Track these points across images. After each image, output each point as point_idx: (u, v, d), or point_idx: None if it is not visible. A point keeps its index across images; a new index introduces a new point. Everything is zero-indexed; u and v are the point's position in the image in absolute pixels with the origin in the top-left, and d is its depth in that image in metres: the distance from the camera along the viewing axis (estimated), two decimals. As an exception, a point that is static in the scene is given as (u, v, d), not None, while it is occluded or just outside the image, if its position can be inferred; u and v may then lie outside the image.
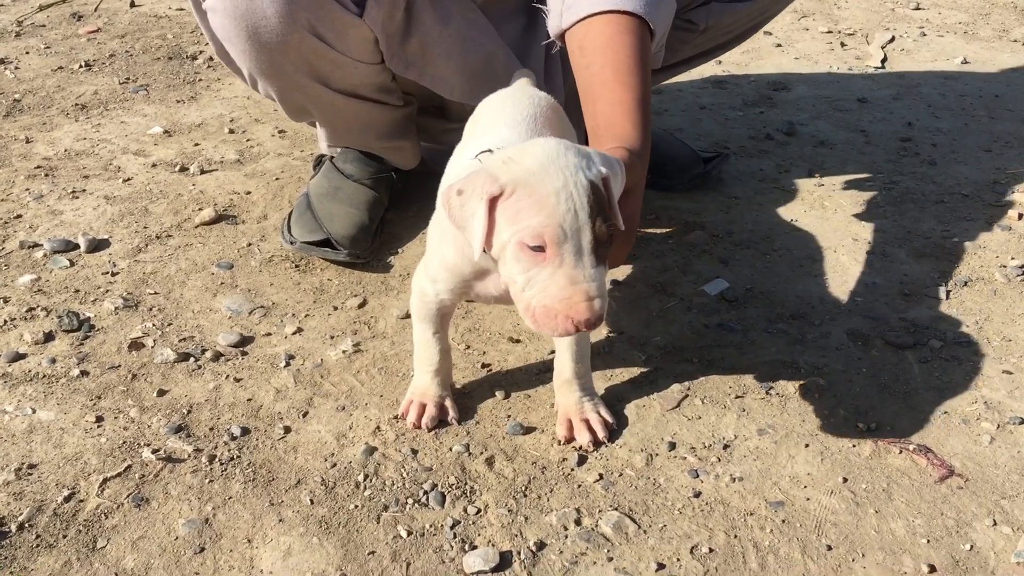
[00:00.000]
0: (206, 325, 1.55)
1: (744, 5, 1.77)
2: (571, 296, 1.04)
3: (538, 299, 1.06)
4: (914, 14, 3.21)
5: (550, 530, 1.18)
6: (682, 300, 1.64)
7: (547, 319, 1.06)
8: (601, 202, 1.07)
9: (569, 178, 1.05)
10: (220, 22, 1.51)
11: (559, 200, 1.04)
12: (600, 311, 1.05)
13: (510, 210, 1.06)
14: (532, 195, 1.05)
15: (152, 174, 2.01)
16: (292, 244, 1.71)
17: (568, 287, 1.04)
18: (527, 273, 1.06)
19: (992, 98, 2.52)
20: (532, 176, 1.05)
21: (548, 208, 1.04)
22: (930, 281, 1.70)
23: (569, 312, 1.04)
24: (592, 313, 1.04)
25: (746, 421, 1.37)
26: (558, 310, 1.05)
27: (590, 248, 1.05)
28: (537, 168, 1.06)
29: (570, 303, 1.04)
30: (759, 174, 2.09)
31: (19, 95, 2.38)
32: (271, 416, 1.36)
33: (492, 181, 1.06)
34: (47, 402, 1.37)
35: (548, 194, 1.04)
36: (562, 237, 1.04)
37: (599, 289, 1.05)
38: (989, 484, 1.27)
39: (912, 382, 1.45)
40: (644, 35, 1.38)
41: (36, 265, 1.68)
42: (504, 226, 1.07)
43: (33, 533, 1.16)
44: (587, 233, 1.05)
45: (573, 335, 1.10)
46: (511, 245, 1.06)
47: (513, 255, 1.07)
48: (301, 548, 1.15)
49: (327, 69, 1.59)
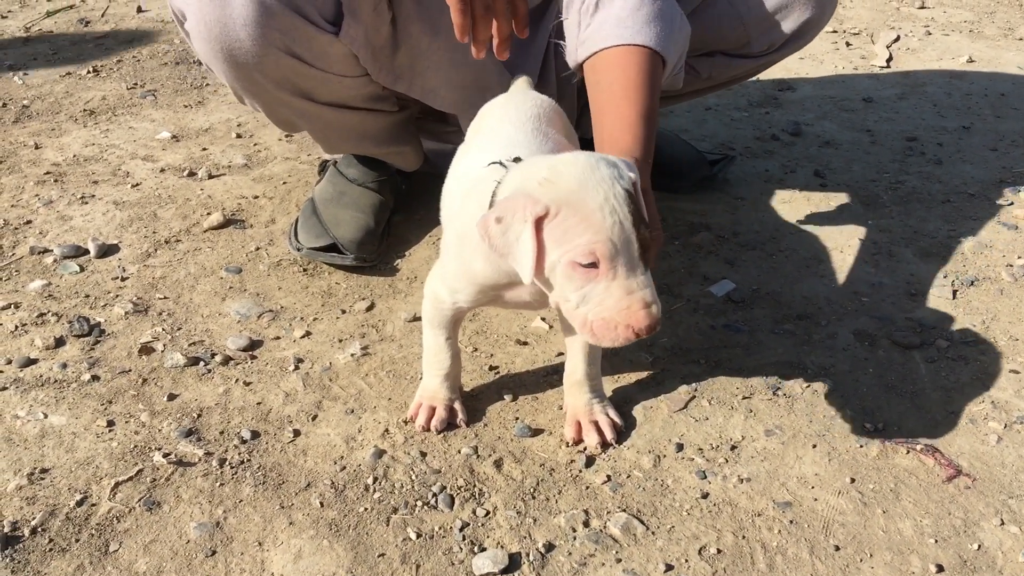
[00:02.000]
0: (215, 329, 1.56)
1: (749, 61, 1.79)
2: (629, 306, 1.05)
3: (595, 313, 1.07)
4: (919, 13, 3.21)
5: (559, 532, 1.19)
6: (689, 301, 1.64)
7: (606, 331, 1.07)
8: (639, 208, 1.08)
9: (609, 191, 1.05)
10: (198, 46, 1.52)
11: (604, 215, 1.04)
12: (658, 316, 1.07)
13: (557, 231, 1.06)
14: (577, 213, 1.05)
15: (160, 179, 2.02)
16: (299, 250, 1.72)
17: (625, 298, 1.05)
18: (581, 290, 1.07)
19: (998, 97, 2.52)
20: (573, 194, 1.05)
21: (596, 225, 1.04)
22: (936, 281, 1.70)
23: (629, 322, 1.06)
24: (652, 319, 1.06)
25: (753, 422, 1.37)
26: (618, 321, 1.06)
27: (639, 256, 1.06)
28: (577, 185, 1.05)
29: (629, 313, 1.05)
30: (765, 175, 2.09)
31: (28, 101, 2.40)
32: (281, 419, 1.37)
33: (535, 203, 1.05)
34: (59, 407, 1.38)
35: (593, 210, 1.04)
36: (614, 252, 1.04)
37: (653, 295, 1.07)
38: (996, 484, 1.27)
39: (919, 382, 1.46)
40: (656, 62, 1.40)
41: (46, 271, 1.70)
42: (552, 247, 1.06)
43: (46, 537, 1.17)
44: (634, 242, 1.06)
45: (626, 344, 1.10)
46: (561, 265, 1.06)
47: (565, 275, 1.07)
48: (311, 551, 1.16)
49: (309, 85, 1.59)
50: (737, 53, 1.77)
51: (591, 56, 1.42)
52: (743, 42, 1.73)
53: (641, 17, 1.40)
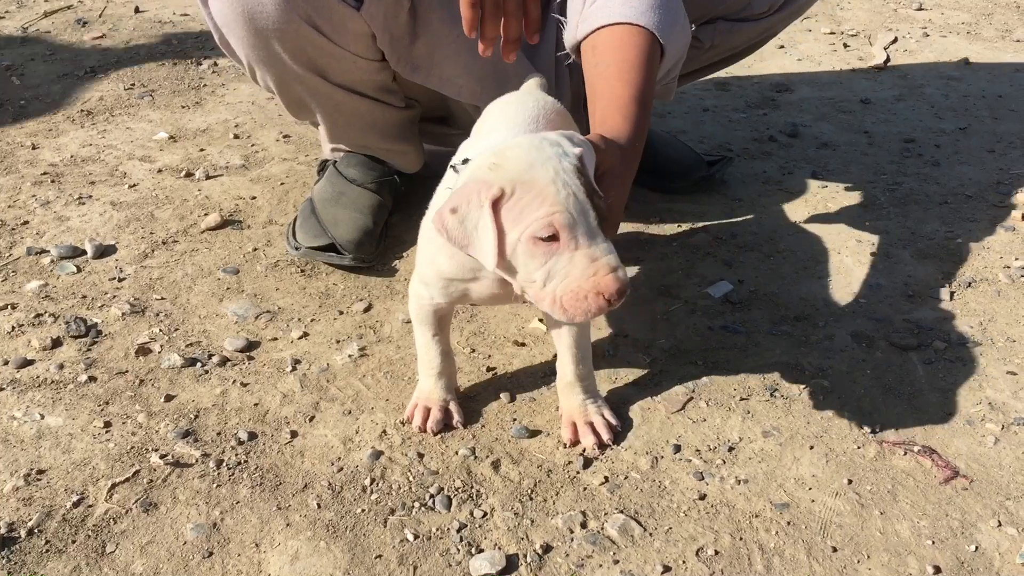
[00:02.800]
0: (212, 330, 1.55)
1: (750, 25, 1.78)
2: (596, 272, 1.05)
3: (563, 286, 1.06)
4: (917, 15, 3.21)
5: (556, 533, 1.19)
6: (686, 303, 1.64)
7: (576, 302, 1.06)
8: (589, 181, 1.08)
9: (557, 166, 1.06)
10: (219, 7, 1.52)
11: (558, 187, 1.05)
12: (626, 280, 1.06)
13: (513, 211, 1.06)
14: (531, 190, 1.05)
15: (158, 180, 2.02)
16: (297, 250, 1.72)
17: (590, 265, 1.05)
18: (545, 266, 1.06)
19: (995, 98, 2.52)
20: (524, 173, 1.06)
21: (551, 197, 1.05)
22: (934, 282, 1.71)
23: (598, 288, 1.05)
24: (620, 283, 1.05)
25: (751, 423, 1.37)
26: (586, 289, 1.05)
27: (597, 225, 1.06)
28: (526, 165, 1.06)
29: (596, 279, 1.05)
30: (762, 176, 2.09)
31: (25, 101, 2.39)
32: (278, 420, 1.37)
33: (488, 186, 1.06)
34: (55, 408, 1.38)
35: (545, 184, 1.05)
36: (571, 221, 1.05)
37: (618, 261, 1.06)
38: (994, 485, 1.27)
39: (916, 383, 1.46)
40: (654, 46, 1.39)
41: (43, 271, 1.69)
42: (510, 228, 1.07)
43: (43, 538, 1.17)
44: (590, 211, 1.06)
45: (598, 314, 1.09)
46: (522, 243, 1.06)
47: (527, 252, 1.07)
48: (308, 552, 1.16)
49: (324, 61, 1.60)
50: (738, 17, 1.76)
51: (591, 33, 1.41)
52: (743, 3, 1.73)
53: (647, 1, 1.40)
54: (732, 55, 1.88)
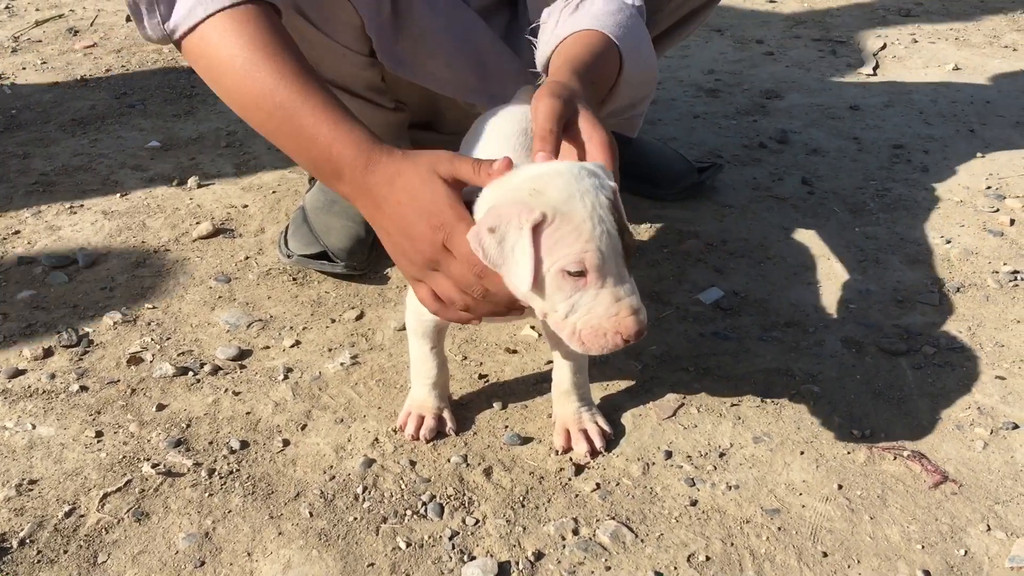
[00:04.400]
0: (204, 339, 1.55)
1: None
2: (618, 313, 1.07)
3: (584, 321, 1.08)
4: (905, 21, 3.23)
5: (548, 540, 1.19)
6: (677, 309, 1.65)
7: (595, 339, 1.08)
8: (621, 215, 1.09)
9: (595, 200, 1.06)
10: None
11: (594, 224, 1.05)
12: (645, 322, 1.09)
13: (550, 240, 1.06)
14: (569, 222, 1.06)
15: (149, 188, 2.02)
16: (289, 257, 1.72)
17: (613, 305, 1.07)
18: (570, 300, 1.08)
19: (983, 104, 2.53)
20: (564, 203, 1.06)
21: (586, 234, 1.05)
22: (923, 288, 1.72)
23: (618, 328, 1.07)
24: (640, 325, 1.08)
25: (742, 429, 1.38)
26: (606, 328, 1.08)
27: (624, 263, 1.08)
28: (567, 195, 1.06)
29: (618, 320, 1.07)
30: (752, 182, 2.10)
31: (16, 111, 2.39)
32: (270, 429, 1.37)
33: (530, 210, 1.05)
34: (47, 418, 1.38)
35: (584, 219, 1.05)
36: (601, 260, 1.06)
37: (639, 302, 1.09)
38: (983, 489, 1.28)
39: (906, 388, 1.46)
40: (610, 48, 1.38)
41: (35, 281, 1.69)
42: (544, 256, 1.07)
43: (34, 549, 1.17)
44: (620, 251, 1.07)
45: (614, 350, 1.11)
46: (551, 274, 1.07)
47: (554, 283, 1.07)
48: (301, 561, 1.16)
49: (314, 54, 1.54)
50: None
51: (559, 44, 1.40)
52: None
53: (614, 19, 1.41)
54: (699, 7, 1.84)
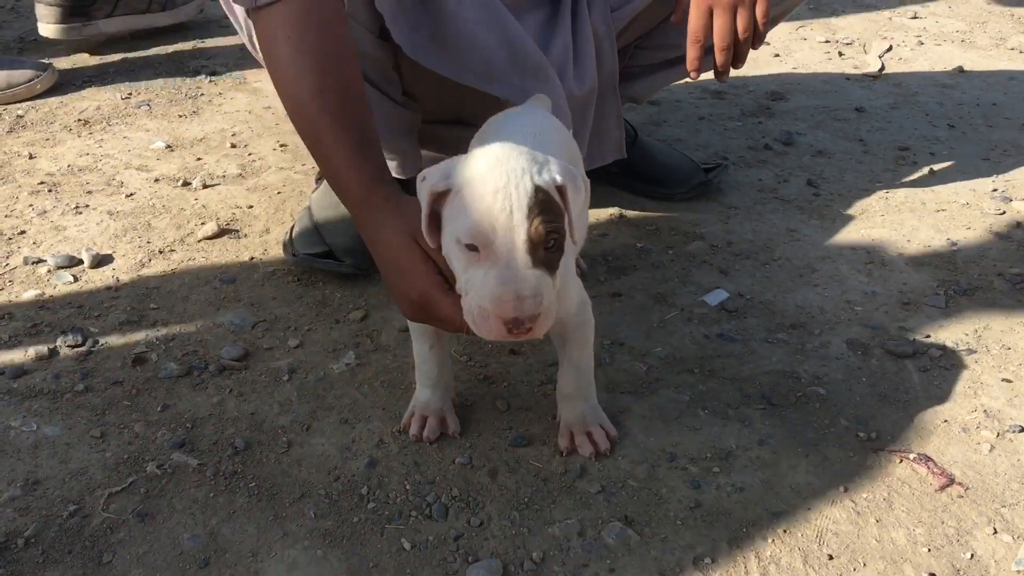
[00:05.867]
0: (209, 339, 1.56)
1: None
2: (500, 295, 1.02)
3: (475, 300, 1.05)
4: (911, 23, 3.22)
5: (553, 541, 1.19)
6: (682, 311, 1.65)
7: (483, 321, 1.05)
8: (547, 206, 1.06)
9: (512, 179, 1.05)
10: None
11: (496, 199, 1.04)
12: (530, 311, 1.02)
13: (453, 209, 1.07)
14: (472, 194, 1.05)
15: (155, 189, 2.02)
16: (295, 256, 1.72)
17: (498, 287, 1.02)
18: (466, 274, 1.06)
19: (990, 106, 2.53)
20: (477, 176, 1.06)
21: (484, 207, 1.04)
22: (929, 290, 1.71)
23: (498, 312, 1.02)
24: (519, 312, 1.01)
25: (747, 431, 1.38)
26: (489, 311, 1.03)
27: (524, 248, 1.04)
28: (484, 168, 1.07)
29: (499, 302, 1.02)
30: (758, 184, 2.10)
31: (22, 111, 2.40)
32: (274, 430, 1.37)
33: (444, 178, 1.08)
34: (52, 417, 1.38)
35: (486, 193, 1.04)
36: (491, 235, 1.03)
37: (532, 289, 1.03)
38: (989, 492, 1.27)
39: (912, 391, 1.46)
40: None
41: (40, 281, 1.70)
42: (446, 224, 1.08)
43: (39, 548, 1.17)
44: (521, 233, 1.03)
45: (512, 339, 1.06)
46: (452, 244, 1.07)
47: (454, 255, 1.07)
48: (306, 561, 1.16)
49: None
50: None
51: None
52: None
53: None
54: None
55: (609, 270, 1.76)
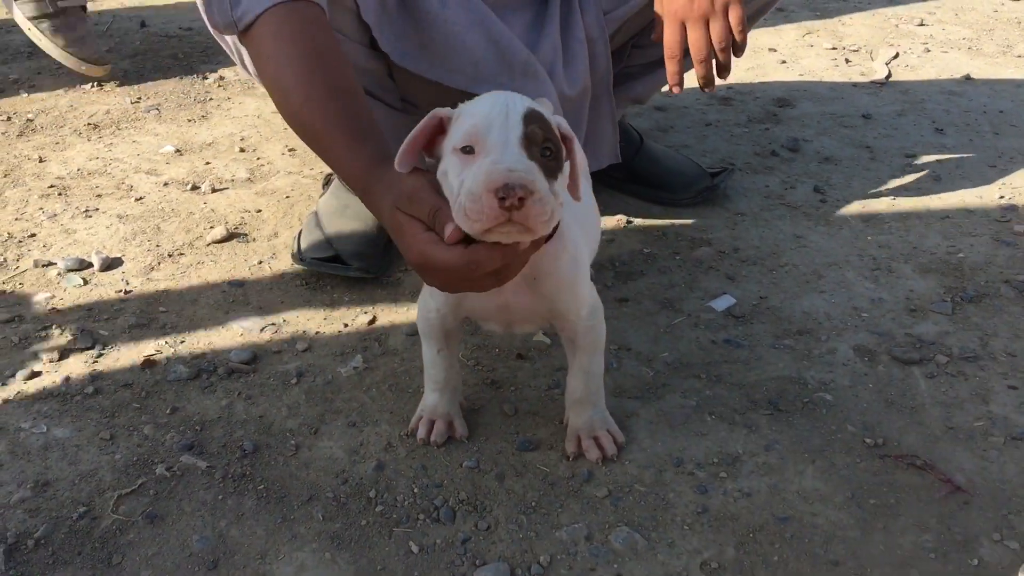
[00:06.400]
0: (218, 342, 1.56)
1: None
2: (491, 170, 0.99)
3: (465, 191, 1.00)
4: (918, 30, 3.23)
5: (560, 545, 1.19)
6: (689, 316, 1.65)
7: (472, 204, 0.99)
8: (543, 124, 1.05)
9: (509, 98, 1.06)
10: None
11: (492, 107, 1.05)
12: (521, 180, 0.97)
13: (452, 131, 1.08)
14: (471, 110, 1.07)
15: (164, 193, 2.04)
16: (302, 261, 1.73)
17: (490, 167, 1.00)
18: (459, 176, 1.03)
19: (997, 114, 2.53)
20: (477, 101, 1.09)
21: (481, 113, 1.05)
22: (936, 297, 1.71)
23: (488, 185, 0.97)
24: (509, 179, 0.97)
25: (754, 437, 1.38)
26: (480, 190, 0.98)
27: (519, 143, 1.02)
28: (484, 97, 1.09)
29: (489, 175, 0.98)
30: (765, 190, 2.10)
31: (32, 115, 2.41)
32: (283, 433, 1.37)
33: (447, 110, 1.10)
34: (62, 419, 1.39)
35: (484, 105, 1.06)
36: (487, 131, 1.02)
37: (524, 167, 0.99)
38: (996, 499, 1.27)
39: (919, 397, 1.46)
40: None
41: (50, 283, 1.71)
42: (445, 147, 1.08)
43: (49, 549, 1.17)
44: (517, 130, 1.02)
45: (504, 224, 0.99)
46: (449, 157, 1.06)
47: (451, 166, 1.05)
48: (314, 564, 1.16)
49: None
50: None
51: None
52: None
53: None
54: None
55: (616, 275, 1.76)
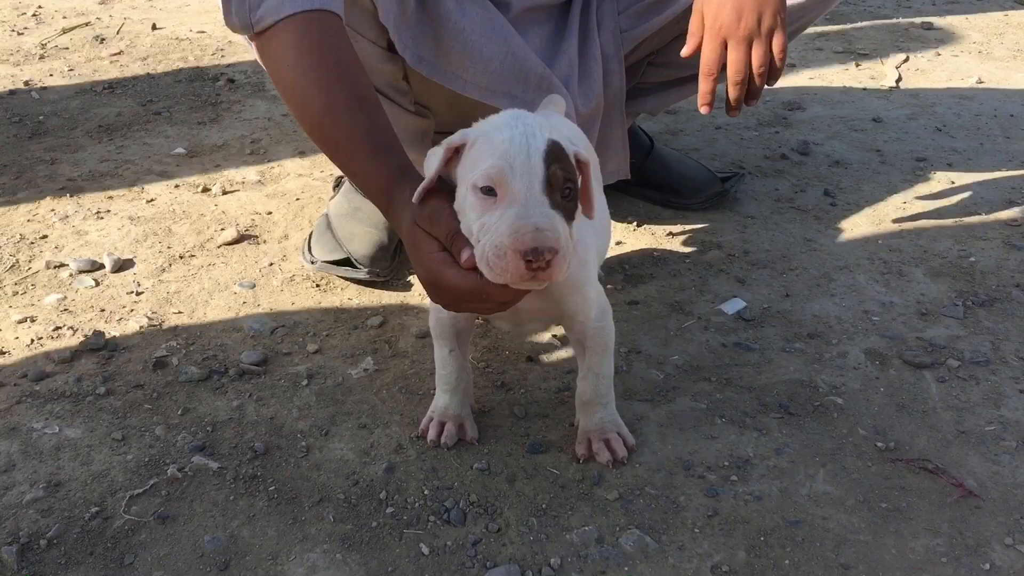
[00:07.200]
0: (229, 344, 1.57)
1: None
2: (519, 227, 0.99)
3: (490, 241, 1.01)
4: (928, 34, 3.22)
5: (571, 548, 1.19)
6: (699, 319, 1.65)
7: (498, 260, 1.00)
8: (563, 158, 1.05)
9: (529, 130, 1.05)
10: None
11: (512, 144, 1.04)
12: (549, 243, 0.99)
13: (468, 160, 1.07)
14: (488, 143, 1.06)
15: (175, 195, 2.04)
16: (313, 264, 1.73)
17: (516, 220, 1.00)
18: (480, 219, 1.03)
19: (1007, 118, 2.52)
20: (493, 128, 1.07)
21: (501, 150, 1.04)
22: (947, 300, 1.71)
23: (516, 244, 0.98)
24: (538, 242, 0.98)
25: (764, 440, 1.38)
26: (506, 246, 0.99)
27: (542, 189, 1.03)
28: (501, 123, 1.08)
29: (517, 233, 0.98)
30: (775, 194, 2.10)
31: (43, 117, 2.42)
32: (293, 434, 1.38)
33: (461, 136, 1.09)
34: (74, 420, 1.39)
35: (500, 141, 1.05)
36: (510, 175, 1.02)
37: (551, 224, 1.00)
38: (1008, 503, 1.27)
39: (930, 401, 1.46)
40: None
41: (62, 285, 1.71)
42: (461, 178, 1.08)
43: (61, 549, 1.18)
44: (539, 174, 1.03)
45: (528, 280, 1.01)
46: (467, 193, 1.06)
47: (470, 204, 1.05)
48: (325, 565, 1.16)
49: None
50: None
51: None
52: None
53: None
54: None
55: (626, 278, 1.76)
